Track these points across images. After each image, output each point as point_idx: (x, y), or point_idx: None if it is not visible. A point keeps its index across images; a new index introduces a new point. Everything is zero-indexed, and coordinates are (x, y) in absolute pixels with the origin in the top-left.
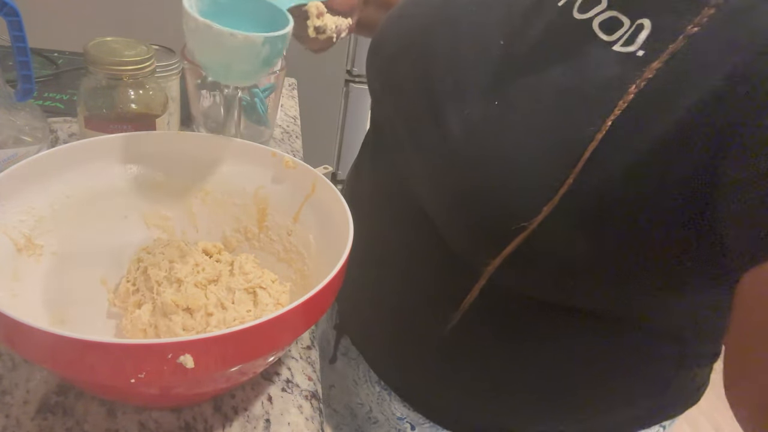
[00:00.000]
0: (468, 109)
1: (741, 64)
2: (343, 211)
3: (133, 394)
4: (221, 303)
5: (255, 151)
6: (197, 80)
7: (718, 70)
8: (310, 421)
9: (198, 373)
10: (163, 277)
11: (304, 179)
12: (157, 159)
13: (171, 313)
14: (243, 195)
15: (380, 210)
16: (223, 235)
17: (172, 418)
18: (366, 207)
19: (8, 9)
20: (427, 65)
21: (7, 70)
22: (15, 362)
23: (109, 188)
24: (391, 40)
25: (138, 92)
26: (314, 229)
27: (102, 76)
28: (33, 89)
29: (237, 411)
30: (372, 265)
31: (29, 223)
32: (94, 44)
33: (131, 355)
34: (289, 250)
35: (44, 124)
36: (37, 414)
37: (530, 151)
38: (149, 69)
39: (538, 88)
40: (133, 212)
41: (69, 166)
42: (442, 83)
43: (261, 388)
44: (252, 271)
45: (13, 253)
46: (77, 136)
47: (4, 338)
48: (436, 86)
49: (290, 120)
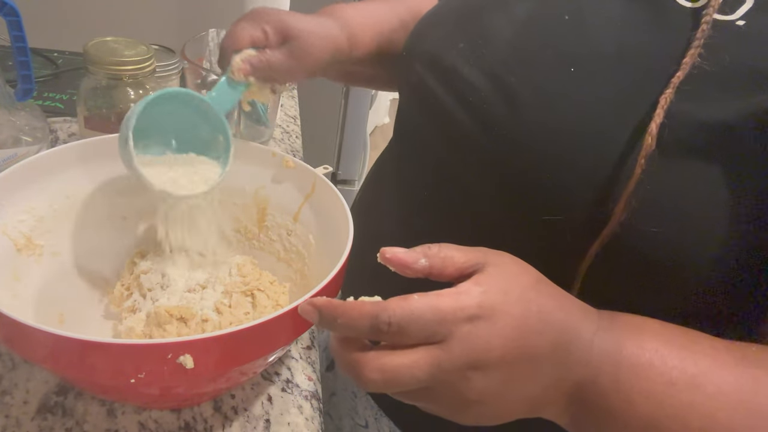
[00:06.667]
0: (539, 75)
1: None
2: (343, 211)
3: (133, 394)
4: (217, 307)
5: (255, 151)
6: (197, 80)
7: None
8: (310, 422)
9: (198, 373)
10: (155, 284)
11: (304, 179)
12: None
13: (165, 323)
14: (243, 195)
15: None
16: (223, 235)
17: (172, 418)
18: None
19: (8, 9)
20: (486, 40)
21: (7, 70)
22: (15, 362)
23: (108, 188)
24: (441, 21)
25: (138, 92)
26: (314, 229)
27: (102, 76)
28: (33, 89)
29: (237, 411)
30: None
31: (29, 223)
32: (94, 44)
33: (131, 355)
34: (289, 250)
35: (44, 124)
36: (37, 414)
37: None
38: (149, 69)
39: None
40: (133, 212)
41: (69, 166)
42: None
43: (261, 388)
44: (250, 273)
45: (13, 253)
46: (77, 136)
47: (4, 338)
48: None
49: (290, 120)
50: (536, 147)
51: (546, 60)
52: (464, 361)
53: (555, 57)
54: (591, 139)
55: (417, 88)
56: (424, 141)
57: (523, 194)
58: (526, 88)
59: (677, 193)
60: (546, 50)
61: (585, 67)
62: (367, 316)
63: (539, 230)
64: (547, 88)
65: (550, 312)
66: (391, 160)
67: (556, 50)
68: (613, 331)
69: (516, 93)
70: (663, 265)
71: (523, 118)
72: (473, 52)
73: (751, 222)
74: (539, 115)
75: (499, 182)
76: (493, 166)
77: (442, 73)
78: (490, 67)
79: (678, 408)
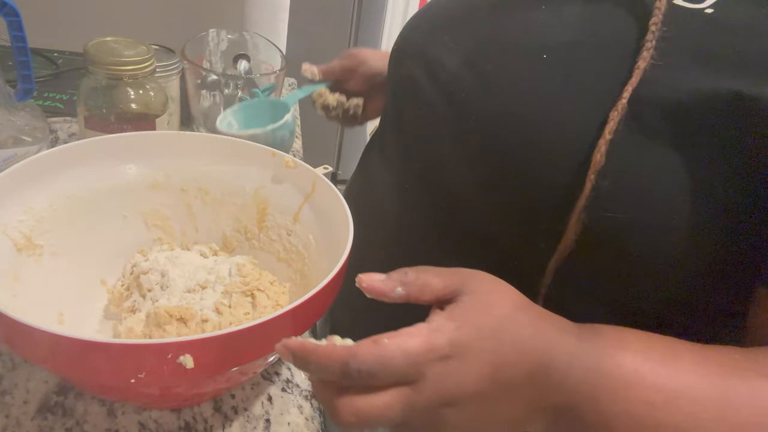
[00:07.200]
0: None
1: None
2: (343, 211)
3: (133, 394)
4: (217, 308)
5: (255, 151)
6: (197, 80)
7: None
8: (310, 421)
9: (198, 373)
10: (155, 284)
11: (304, 179)
12: (157, 159)
13: (164, 324)
14: (243, 195)
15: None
16: (223, 235)
17: (172, 418)
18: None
19: (8, 9)
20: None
21: (7, 70)
22: (15, 362)
23: (109, 188)
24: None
25: (138, 92)
26: (314, 229)
27: (102, 76)
28: (33, 89)
29: (237, 411)
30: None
31: (29, 223)
32: (94, 44)
33: (131, 355)
34: (289, 250)
35: (44, 124)
36: (37, 414)
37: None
38: (149, 69)
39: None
40: (133, 212)
41: (69, 166)
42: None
43: (261, 388)
44: (250, 273)
45: (13, 253)
46: (77, 136)
47: (4, 338)
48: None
49: None
50: (509, 132)
51: (521, 48)
52: (436, 399)
53: (530, 45)
54: (556, 124)
55: (404, 81)
56: (405, 129)
57: (499, 178)
58: (501, 75)
59: (645, 179)
60: (522, 39)
61: (557, 54)
62: (338, 362)
63: (515, 216)
64: (520, 75)
65: (524, 342)
66: (374, 149)
67: (532, 40)
68: (592, 350)
69: (491, 80)
70: (634, 252)
71: (496, 104)
72: (456, 43)
73: (719, 206)
74: (511, 101)
75: (479, 169)
76: (470, 152)
77: (426, 65)
78: (469, 56)
79: (656, 428)
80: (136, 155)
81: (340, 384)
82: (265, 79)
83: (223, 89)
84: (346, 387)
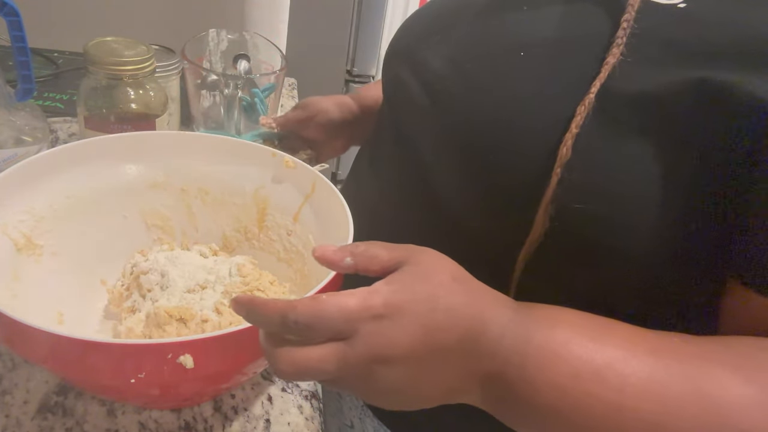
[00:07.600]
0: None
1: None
2: (343, 211)
3: (133, 394)
4: (216, 308)
5: (255, 151)
6: (197, 80)
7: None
8: (310, 421)
9: (198, 373)
10: (155, 284)
11: (304, 179)
12: (157, 159)
13: (164, 324)
14: (243, 195)
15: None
16: (223, 235)
17: (172, 418)
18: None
19: (8, 9)
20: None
21: (7, 70)
22: (15, 362)
23: (109, 188)
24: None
25: (138, 92)
26: (314, 229)
27: (102, 76)
28: (33, 89)
29: (237, 411)
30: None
31: (29, 223)
32: (94, 44)
33: (131, 355)
34: (289, 250)
35: (44, 124)
36: (37, 414)
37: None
38: (149, 69)
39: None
40: (133, 212)
41: (69, 166)
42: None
43: (261, 388)
44: (250, 274)
45: (13, 253)
46: (77, 136)
47: (4, 338)
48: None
49: None
50: (486, 130)
51: (501, 47)
52: (368, 356)
53: (509, 44)
54: (529, 120)
55: (393, 82)
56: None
57: (478, 176)
58: (481, 74)
59: (613, 172)
60: (502, 39)
61: (533, 52)
62: (278, 313)
63: (490, 210)
64: (498, 74)
65: (457, 308)
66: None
67: (511, 39)
68: (525, 323)
69: (472, 79)
70: (603, 243)
71: (476, 102)
72: (443, 44)
73: (688, 197)
74: (489, 99)
75: (460, 167)
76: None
77: (413, 66)
78: (453, 56)
79: (581, 398)
80: (136, 155)
81: (284, 338)
82: (265, 79)
83: (223, 89)
84: (287, 340)
